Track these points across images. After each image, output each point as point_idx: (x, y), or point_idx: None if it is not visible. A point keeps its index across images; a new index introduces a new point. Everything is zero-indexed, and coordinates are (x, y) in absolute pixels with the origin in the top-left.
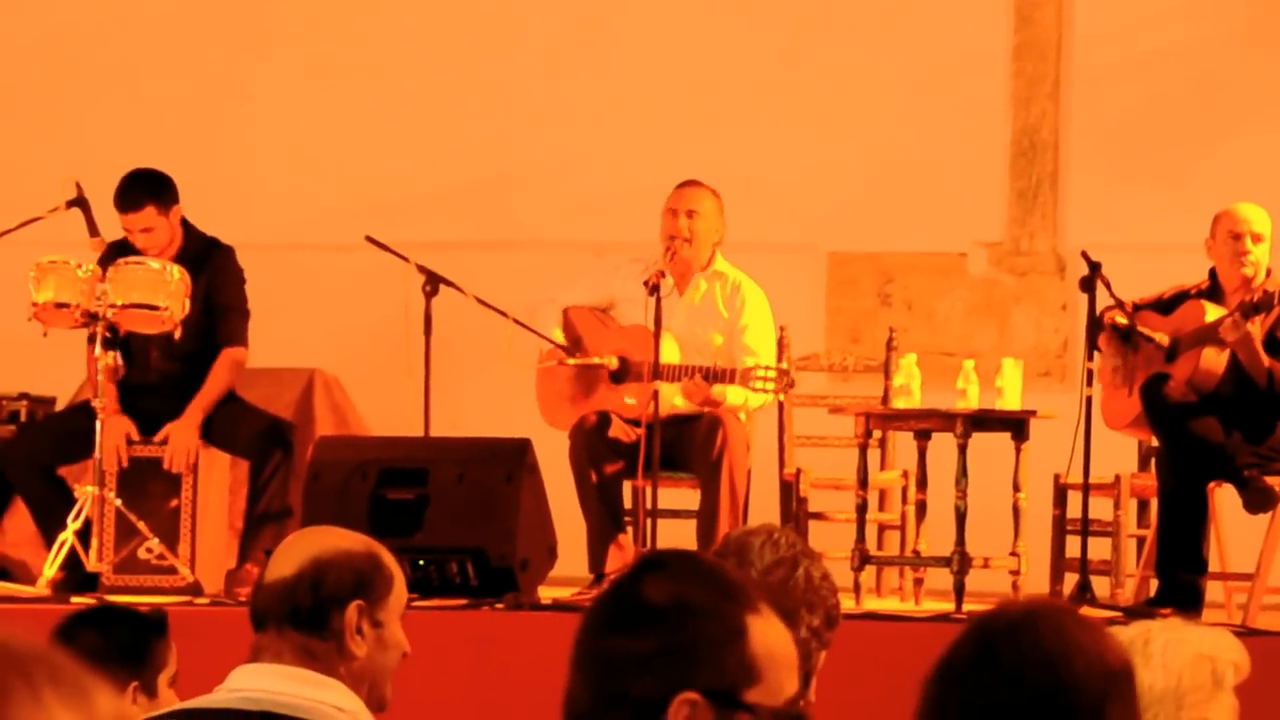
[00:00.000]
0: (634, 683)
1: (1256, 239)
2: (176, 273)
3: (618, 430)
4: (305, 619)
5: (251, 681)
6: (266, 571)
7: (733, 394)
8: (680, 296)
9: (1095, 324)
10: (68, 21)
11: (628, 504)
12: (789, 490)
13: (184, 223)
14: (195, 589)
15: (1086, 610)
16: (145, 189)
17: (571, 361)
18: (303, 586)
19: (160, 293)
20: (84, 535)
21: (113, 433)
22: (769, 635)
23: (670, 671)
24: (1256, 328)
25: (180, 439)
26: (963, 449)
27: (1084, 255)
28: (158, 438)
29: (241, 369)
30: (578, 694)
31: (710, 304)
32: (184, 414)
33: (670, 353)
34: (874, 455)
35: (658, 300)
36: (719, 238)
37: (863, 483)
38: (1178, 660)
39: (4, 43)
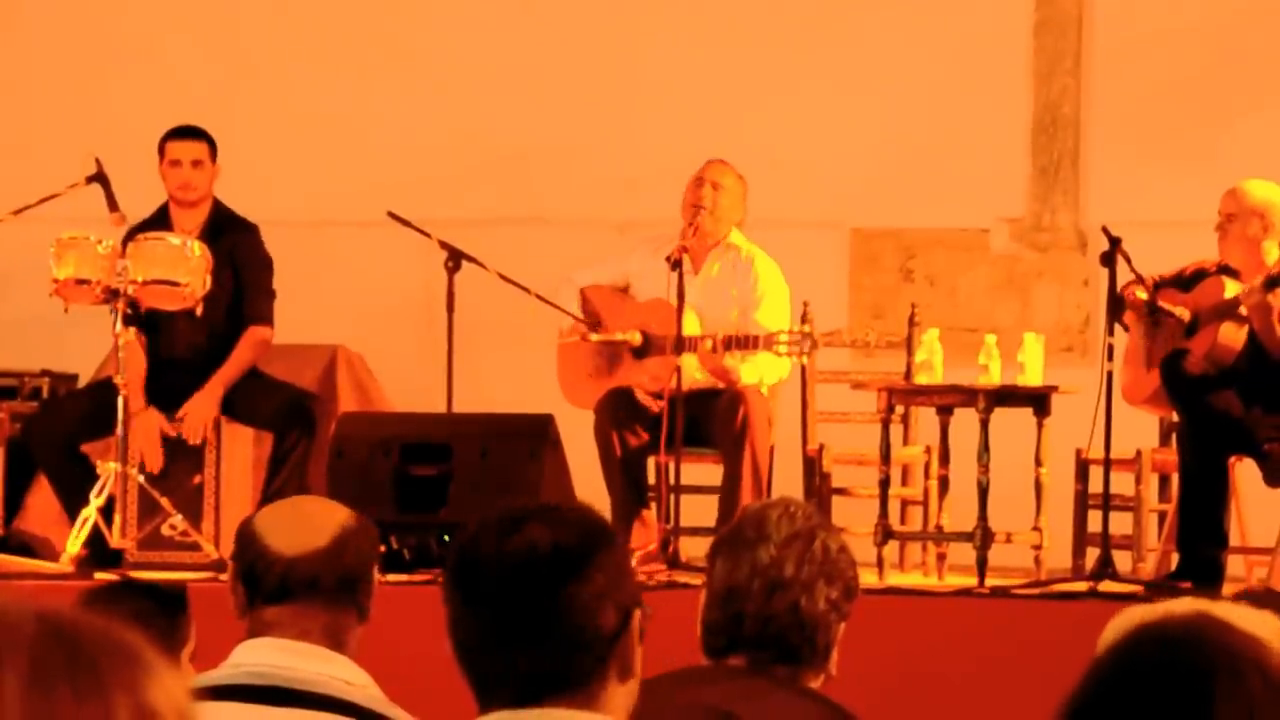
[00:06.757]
0: (600, 619)
1: None
2: (197, 249)
3: (642, 405)
4: (336, 589)
5: (257, 656)
6: (281, 544)
7: (746, 372)
8: (695, 275)
9: (1116, 299)
10: None
11: (650, 479)
12: (812, 466)
13: (214, 198)
14: (219, 566)
15: (1108, 585)
16: (203, 132)
17: (594, 337)
18: (340, 556)
19: (181, 268)
20: (107, 512)
21: (144, 429)
22: None
23: (620, 596)
24: (1278, 300)
25: (199, 412)
26: (985, 424)
27: (1105, 231)
28: (177, 415)
29: (266, 348)
30: (539, 656)
31: (725, 279)
32: (204, 388)
33: (692, 325)
34: (896, 431)
35: (680, 275)
36: (739, 219)
37: (885, 458)
38: None
39: (25, 18)
